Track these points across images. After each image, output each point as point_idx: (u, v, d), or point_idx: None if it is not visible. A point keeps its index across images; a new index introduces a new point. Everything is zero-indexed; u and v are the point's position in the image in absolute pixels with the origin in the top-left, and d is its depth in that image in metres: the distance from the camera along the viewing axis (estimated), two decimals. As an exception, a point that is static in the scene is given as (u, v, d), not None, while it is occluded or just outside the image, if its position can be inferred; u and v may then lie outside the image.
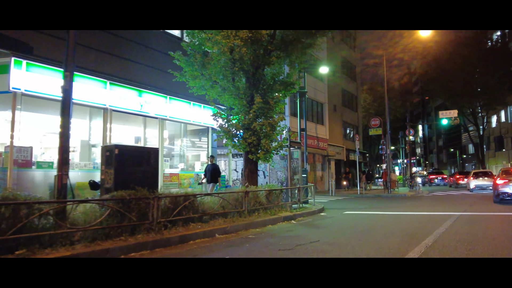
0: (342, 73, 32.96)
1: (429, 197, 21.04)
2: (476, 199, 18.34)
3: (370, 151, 57.60)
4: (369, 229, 8.73)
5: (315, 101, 27.05)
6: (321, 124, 27.71)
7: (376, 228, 8.75)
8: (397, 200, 18.58)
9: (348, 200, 19.12)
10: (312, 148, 25.42)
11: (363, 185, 25.96)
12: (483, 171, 26.63)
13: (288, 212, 11.05)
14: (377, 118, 24.47)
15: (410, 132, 41.87)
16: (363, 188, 26.45)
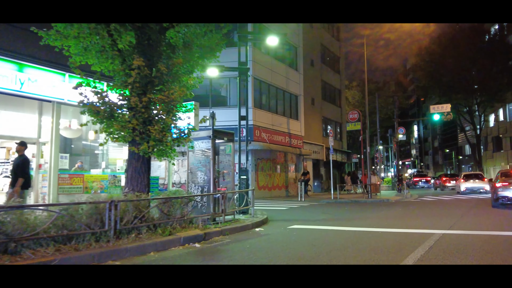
0: (323, 63, 29.66)
1: (416, 203, 17.72)
2: (471, 204, 15.03)
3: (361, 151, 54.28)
4: (297, 258, 5.40)
5: (287, 92, 23.73)
6: (295, 119, 24.38)
7: (308, 258, 5.42)
8: (374, 208, 15.26)
9: (313, 207, 15.78)
10: (282, 146, 22.07)
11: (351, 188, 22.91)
12: (474, 173, 25.79)
13: (198, 230, 7.71)
14: (355, 111, 21.16)
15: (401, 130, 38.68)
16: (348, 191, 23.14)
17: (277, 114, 22.31)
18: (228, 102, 20.69)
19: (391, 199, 20.50)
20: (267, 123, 20.96)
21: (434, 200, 19.78)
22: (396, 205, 16.89)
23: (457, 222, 9.67)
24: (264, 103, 21.66)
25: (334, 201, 18.86)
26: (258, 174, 20.31)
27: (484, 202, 17.31)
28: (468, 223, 9.65)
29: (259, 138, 19.91)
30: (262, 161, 20.74)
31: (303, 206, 15.86)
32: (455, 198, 20.50)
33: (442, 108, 26.75)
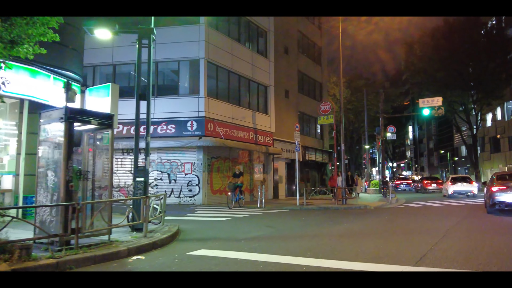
0: (301, 53, 26.57)
1: (396, 211, 14.66)
2: (462, 213, 11.95)
3: (350, 151, 51.11)
4: None
5: (254, 81, 20.60)
6: (264, 113, 21.25)
7: None
8: (340, 218, 12.21)
9: (265, 216, 12.69)
10: (245, 143, 18.94)
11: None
12: (462, 176, 25.47)
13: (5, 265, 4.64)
14: (327, 102, 18.04)
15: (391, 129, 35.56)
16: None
17: (239, 106, 19.20)
18: (179, 91, 17.58)
19: (370, 205, 17.39)
20: (225, 116, 17.84)
21: (420, 207, 16.69)
22: (371, 214, 13.79)
23: (437, 246, 6.57)
24: (222, 93, 18.55)
25: (299, 208, 15.73)
26: (213, 176, 17.18)
27: (478, 208, 14.23)
28: (455, 247, 6.54)
29: (212, 132, 16.79)
30: (218, 160, 17.61)
31: (253, 215, 12.71)
32: (444, 205, 17.42)
33: (433, 102, 23.69)
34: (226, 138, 17.63)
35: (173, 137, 16.66)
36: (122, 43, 17.70)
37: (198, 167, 16.65)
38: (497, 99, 40.28)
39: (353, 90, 44.52)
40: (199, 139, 16.20)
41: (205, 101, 16.71)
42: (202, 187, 16.53)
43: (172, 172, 16.92)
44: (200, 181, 16.55)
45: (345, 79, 46.17)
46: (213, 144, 16.28)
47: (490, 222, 10.53)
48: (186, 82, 17.61)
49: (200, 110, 16.60)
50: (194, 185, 16.64)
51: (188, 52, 17.03)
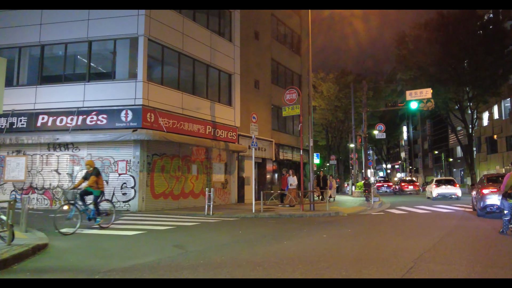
0: (275, 39, 23.77)
1: (372, 220, 11.96)
2: (451, 224, 9.14)
3: (339, 152, 48.36)
4: None
5: (213, 67, 17.78)
6: (226, 105, 18.43)
7: None
8: (289, 232, 9.53)
9: (194, 229, 9.95)
10: (197, 138, 16.12)
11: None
12: (446, 179, 25.49)
13: None
14: (293, 89, 15.22)
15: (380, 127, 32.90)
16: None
17: (193, 95, 16.37)
18: (114, 75, 14.74)
19: (344, 211, 14.64)
20: (172, 105, 15.03)
21: (402, 215, 13.96)
22: (337, 224, 11.02)
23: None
24: (169, 79, 15.74)
25: (254, 216, 12.93)
26: (154, 177, 14.34)
27: (468, 218, 11.47)
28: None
29: (153, 124, 13.96)
30: (162, 158, 14.77)
31: (182, 228, 9.89)
32: (431, 211, 14.70)
33: (421, 94, 20.95)
34: (174, 132, 14.81)
35: (103, 129, 13.85)
36: (52, 19, 14.96)
37: (134, 166, 13.82)
38: (493, 96, 37.69)
39: (342, 87, 41.85)
40: (133, 131, 13.37)
41: (144, 87, 13.89)
42: (139, 190, 13.69)
43: (104, 172, 14.05)
44: (136, 183, 13.72)
45: (334, 75, 43.65)
46: (151, 138, 13.45)
47: (484, 240, 7.79)
48: (124, 65, 14.79)
49: (138, 97, 13.79)
50: (129, 187, 13.81)
51: (126, 28, 14.24)
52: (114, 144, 13.94)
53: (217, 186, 17.64)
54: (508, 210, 8.08)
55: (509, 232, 8.02)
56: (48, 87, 14.98)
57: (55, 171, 14.50)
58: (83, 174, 9.32)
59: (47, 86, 15.00)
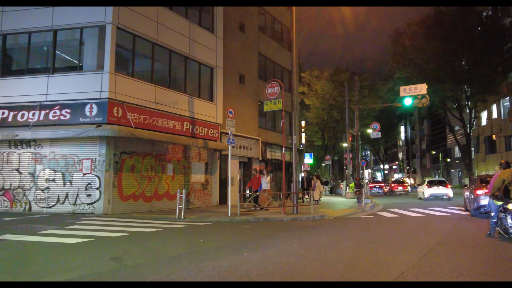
0: (263, 33, 22.58)
1: (357, 226, 10.82)
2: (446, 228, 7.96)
3: (335, 152, 47.18)
4: None
5: (192, 60, 16.58)
6: (207, 100, 17.24)
7: None
8: (259, 241, 8.47)
9: (153, 235, 8.84)
10: (176, 135, 14.95)
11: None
12: (438, 180, 26.30)
13: None
14: (275, 82, 14.04)
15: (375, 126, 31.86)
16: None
17: (168, 89, 15.18)
18: (81, 66, 13.55)
19: (330, 214, 13.49)
20: (144, 99, 13.84)
21: (393, 218, 12.84)
22: (318, 229, 9.87)
23: None
24: (141, 71, 14.57)
25: (229, 220, 11.76)
26: (123, 177, 13.15)
27: (464, 221, 10.29)
28: None
29: (120, 120, 12.77)
30: (132, 156, 13.57)
31: (142, 234, 8.71)
32: (425, 214, 13.57)
33: (415, 90, 19.81)
34: (145, 128, 13.63)
35: (67, 125, 12.67)
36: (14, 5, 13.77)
37: (99, 165, 12.62)
38: (492, 94, 36.61)
39: (337, 85, 40.66)
40: (97, 127, 12.18)
41: (111, 78, 12.70)
42: (104, 192, 12.49)
43: (68, 171, 12.89)
44: (101, 184, 12.53)
45: (328, 73, 42.46)
46: (116, 134, 12.24)
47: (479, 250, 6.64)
48: (92, 56, 13.58)
49: (104, 90, 12.60)
50: (94, 188, 12.61)
51: (93, 16, 13.07)
52: (78, 141, 12.76)
53: (196, 187, 16.47)
54: (495, 212, 7.80)
55: (496, 235, 7.81)
56: (9, 80, 13.80)
57: (16, 170, 13.30)
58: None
59: (8, 79, 13.82)
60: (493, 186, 7.97)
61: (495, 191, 7.82)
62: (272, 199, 14.38)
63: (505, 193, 7.59)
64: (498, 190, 7.72)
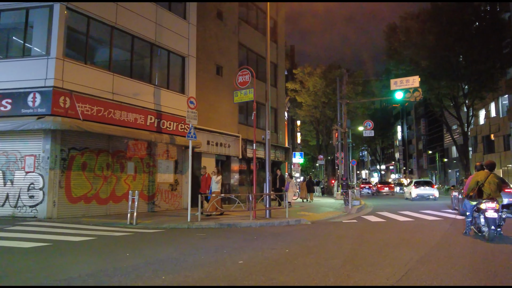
0: (244, 21, 21.04)
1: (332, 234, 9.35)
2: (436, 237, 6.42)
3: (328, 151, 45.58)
4: None
5: (160, 47, 15.04)
6: (178, 92, 15.72)
7: None
8: (192, 256, 6.87)
9: (69, 248, 7.27)
10: (137, 130, 13.41)
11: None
12: (424, 180, 27.51)
13: None
14: (246, 70, 12.52)
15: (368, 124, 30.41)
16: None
17: (130, 79, 13.61)
18: (26, 51, 12.00)
19: (306, 219, 11.98)
20: (99, 89, 12.28)
21: (378, 223, 11.35)
22: (282, 238, 8.38)
23: None
24: (97, 57, 13.08)
25: (187, 227, 10.21)
26: (72, 176, 11.61)
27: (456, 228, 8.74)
28: None
29: (68, 111, 11.23)
30: (84, 153, 12.02)
31: (59, 245, 7.17)
32: (414, 219, 12.04)
33: (407, 83, 18.29)
34: (99, 121, 12.08)
35: (7, 116, 11.12)
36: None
37: (43, 163, 11.08)
38: (490, 91, 35.15)
39: (329, 82, 39.09)
40: (38, 119, 10.64)
41: (58, 64, 11.15)
42: (49, 193, 10.94)
43: (9, 169, 11.34)
44: (45, 184, 10.98)
45: (321, 70, 40.89)
46: (59, 127, 10.69)
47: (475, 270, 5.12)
48: (39, 40, 12.01)
49: (49, 78, 11.05)
50: (37, 189, 11.06)
51: (40, -6, 11.54)
52: (20, 135, 11.23)
53: (163, 188, 14.92)
54: (470, 211, 8.19)
55: (472, 233, 8.22)
56: None
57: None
58: None
59: None
60: (467, 187, 8.21)
61: (469, 192, 8.09)
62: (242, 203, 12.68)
63: (479, 194, 7.87)
64: (472, 191, 8.01)
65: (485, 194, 7.76)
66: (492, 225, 7.44)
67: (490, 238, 7.42)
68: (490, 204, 7.59)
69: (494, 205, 7.57)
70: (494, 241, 7.38)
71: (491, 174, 7.91)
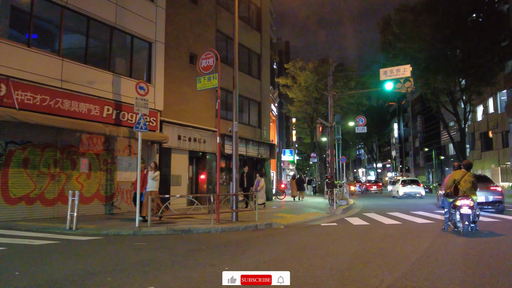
0: (222, 7, 19.53)
1: (292, 244, 7.96)
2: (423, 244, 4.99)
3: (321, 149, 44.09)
4: None
5: (122, 31, 13.56)
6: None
7: None
8: (87, 277, 5.18)
9: None
10: (90, 122, 11.91)
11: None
12: (411, 179, 28.72)
13: None
14: (210, 53, 11.01)
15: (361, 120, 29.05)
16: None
17: (83, 65, 12.10)
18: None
19: (280, 222, 10.57)
20: (44, 75, 10.80)
21: (360, 227, 9.97)
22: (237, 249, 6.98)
23: None
24: (43, 39, 11.57)
25: (132, 233, 8.74)
26: (10, 174, 10.12)
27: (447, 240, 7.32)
28: None
29: (3, 99, 9.73)
30: (25, 147, 10.54)
31: None
32: (402, 223, 10.58)
33: (398, 73, 16.80)
34: (44, 112, 10.59)
35: None
36: None
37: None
38: (488, 86, 33.72)
39: (321, 77, 37.61)
40: (-40, 108, 9.14)
41: None
42: (-22, 193, 9.47)
43: None
44: (-29, 183, 9.49)
45: (313, 64, 39.38)
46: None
47: None
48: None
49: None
50: (-36, 189, 9.58)
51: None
52: None
53: (124, 187, 13.43)
54: (448, 208, 8.57)
55: (450, 229, 8.56)
56: None
57: None
58: None
59: None
60: (445, 185, 8.74)
61: (447, 190, 8.55)
62: (201, 204, 10.92)
63: (455, 191, 8.31)
64: (449, 189, 8.46)
65: (461, 192, 8.22)
66: (466, 220, 7.86)
67: (464, 233, 7.85)
68: (464, 201, 8.02)
69: (468, 202, 7.98)
70: (469, 236, 7.77)
71: (467, 173, 8.34)
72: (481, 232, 8.27)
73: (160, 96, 14.70)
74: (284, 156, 36.65)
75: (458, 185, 8.24)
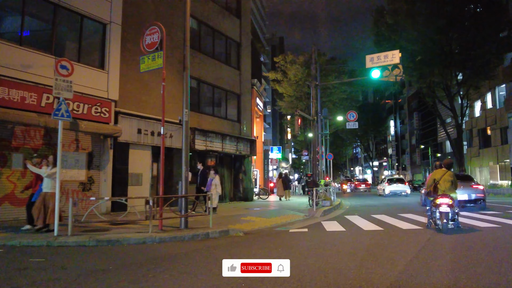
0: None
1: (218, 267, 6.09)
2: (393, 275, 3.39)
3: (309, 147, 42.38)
4: None
5: (66, 8, 11.87)
6: (95, 68, 12.54)
7: None
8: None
9: None
10: (23, 112, 10.23)
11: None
12: (397, 178, 29.29)
13: None
14: (155, 28, 9.36)
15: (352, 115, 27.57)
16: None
17: (18, 47, 10.42)
18: None
19: (240, 228, 8.93)
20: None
21: (333, 234, 8.43)
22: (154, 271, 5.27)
23: None
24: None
25: (45, 244, 7.07)
26: None
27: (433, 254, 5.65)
28: None
29: None
30: None
31: None
32: (383, 229, 8.93)
33: (386, 59, 15.14)
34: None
35: None
36: None
37: None
38: (486, 79, 32.10)
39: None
40: None
41: None
42: None
43: None
44: None
45: (303, 58, 37.67)
46: None
47: None
48: None
49: None
50: None
51: None
52: None
53: (71, 187, 11.75)
54: (429, 206, 8.79)
55: (433, 226, 8.65)
56: None
57: None
58: None
59: None
60: (427, 185, 8.99)
61: (427, 189, 8.83)
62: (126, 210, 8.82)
63: (435, 190, 8.56)
64: (429, 188, 8.69)
65: (440, 191, 8.46)
66: (445, 218, 8.03)
67: (444, 230, 7.98)
68: (443, 199, 8.19)
69: (447, 201, 8.15)
70: (448, 232, 7.87)
71: (447, 172, 8.51)
72: (462, 229, 8.29)
73: (115, 84, 13.01)
74: (271, 154, 34.96)
75: (437, 184, 8.47)
